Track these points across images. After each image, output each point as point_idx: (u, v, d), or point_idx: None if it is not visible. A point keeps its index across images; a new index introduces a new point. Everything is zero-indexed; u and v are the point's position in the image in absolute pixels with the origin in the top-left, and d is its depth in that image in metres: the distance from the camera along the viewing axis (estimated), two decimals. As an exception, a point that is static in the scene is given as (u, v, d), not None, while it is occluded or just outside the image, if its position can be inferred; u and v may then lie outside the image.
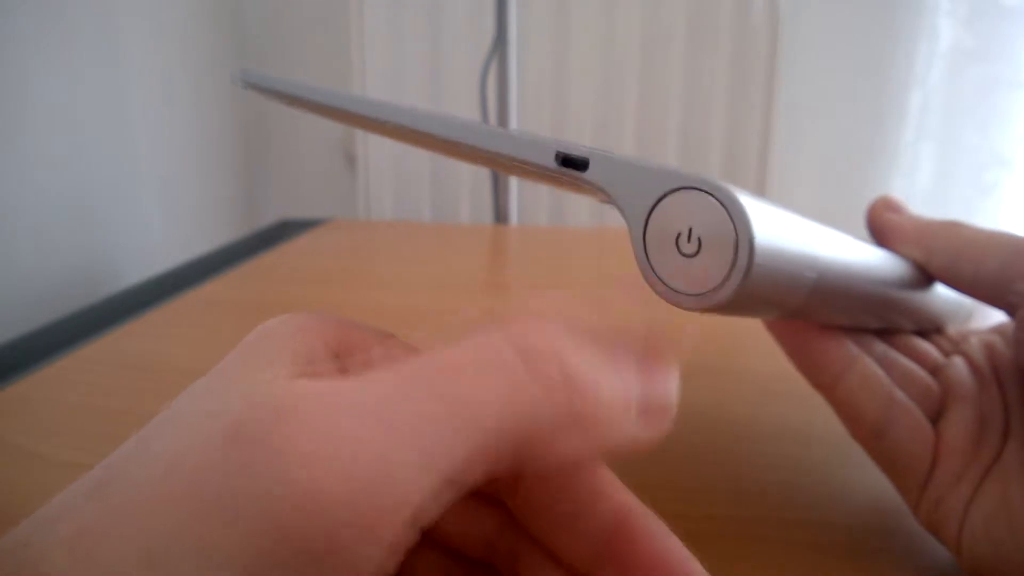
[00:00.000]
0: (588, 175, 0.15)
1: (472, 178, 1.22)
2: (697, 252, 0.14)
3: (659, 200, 0.14)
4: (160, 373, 0.34)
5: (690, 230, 0.14)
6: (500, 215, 0.86)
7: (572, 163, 0.15)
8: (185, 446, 0.10)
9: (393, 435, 0.10)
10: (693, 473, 0.27)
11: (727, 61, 1.14)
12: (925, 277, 0.22)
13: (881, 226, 0.23)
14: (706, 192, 0.13)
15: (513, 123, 0.85)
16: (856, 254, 0.19)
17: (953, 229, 0.21)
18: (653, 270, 0.14)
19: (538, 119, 1.19)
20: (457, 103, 1.21)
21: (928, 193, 1.15)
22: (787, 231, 0.14)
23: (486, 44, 0.85)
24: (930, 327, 0.24)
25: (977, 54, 1.08)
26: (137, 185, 0.98)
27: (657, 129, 1.18)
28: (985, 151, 1.11)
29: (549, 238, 0.71)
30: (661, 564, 0.13)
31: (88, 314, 0.45)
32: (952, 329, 0.25)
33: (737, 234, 0.13)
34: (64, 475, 0.26)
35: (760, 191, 1.18)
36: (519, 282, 0.54)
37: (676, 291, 0.14)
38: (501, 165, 0.18)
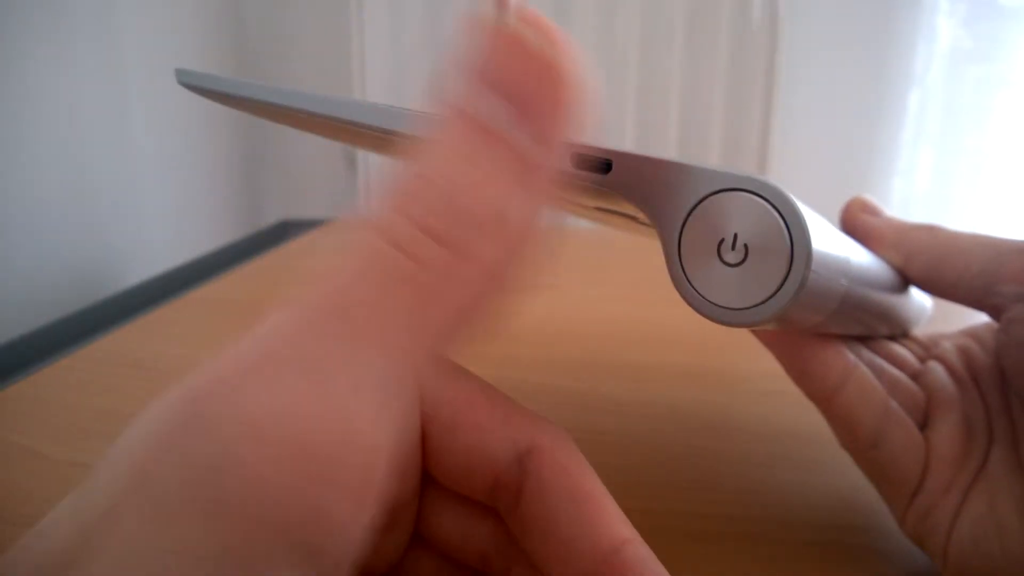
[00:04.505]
0: (611, 177, 0.13)
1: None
2: (743, 261, 0.12)
3: (698, 204, 0.12)
4: (160, 373, 0.34)
5: (735, 236, 0.12)
6: (500, 215, 0.86)
7: (591, 164, 0.13)
8: (137, 443, 0.09)
9: (325, 381, 0.09)
10: (692, 473, 0.27)
11: (727, 61, 1.14)
12: (903, 281, 0.21)
13: (857, 229, 0.22)
14: (756, 195, 0.12)
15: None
16: (865, 259, 0.18)
17: (932, 232, 0.21)
18: (689, 281, 0.13)
19: (538, 119, 1.19)
20: (457, 103, 1.21)
21: (926, 193, 1.15)
22: (827, 238, 0.13)
23: (486, 44, 0.85)
24: (901, 332, 0.24)
25: (976, 54, 1.08)
26: (137, 185, 0.98)
27: (657, 128, 1.18)
28: (984, 151, 1.11)
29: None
30: None
31: (88, 314, 0.45)
32: (916, 332, 0.24)
33: (793, 242, 0.12)
34: (64, 475, 0.26)
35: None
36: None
37: (717, 304, 0.12)
38: None
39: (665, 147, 1.18)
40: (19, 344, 0.40)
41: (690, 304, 0.13)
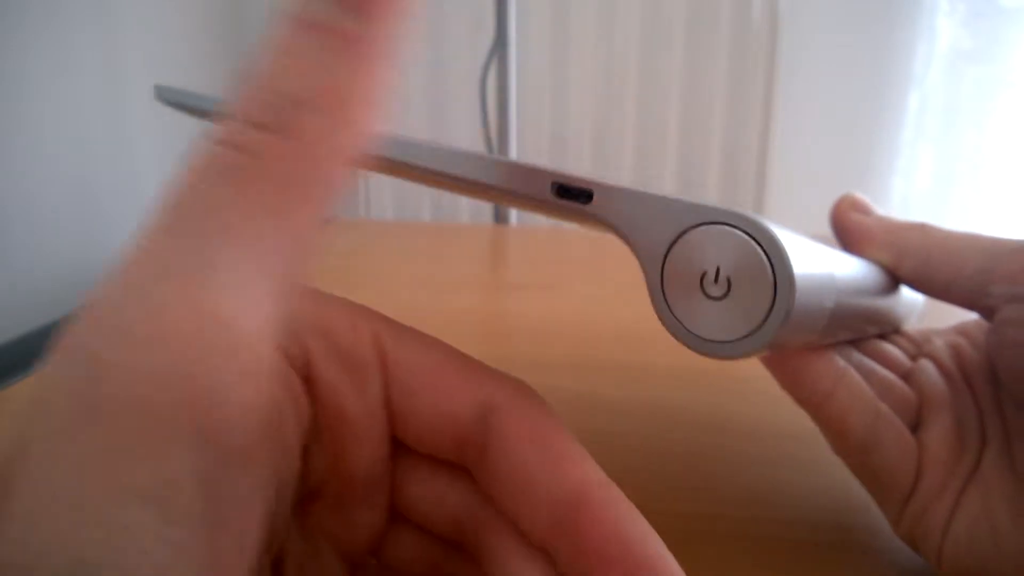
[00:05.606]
0: (593, 208, 0.13)
1: (472, 178, 1.22)
2: (726, 294, 0.12)
3: (679, 237, 0.12)
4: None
5: (717, 269, 0.12)
6: (500, 215, 0.86)
7: (573, 194, 0.13)
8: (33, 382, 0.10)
9: (188, 280, 0.10)
10: (692, 473, 0.27)
11: (727, 61, 1.14)
12: (893, 280, 0.21)
13: (847, 227, 0.22)
14: (736, 228, 0.12)
15: (512, 124, 0.85)
16: (851, 270, 0.18)
17: (923, 231, 0.21)
18: (673, 314, 0.13)
19: (538, 120, 1.19)
20: (457, 105, 1.21)
21: (926, 193, 1.15)
22: (810, 261, 0.13)
23: (486, 45, 0.85)
24: (892, 329, 0.23)
25: (975, 55, 1.08)
26: (137, 185, 0.98)
27: (657, 130, 1.18)
28: (984, 151, 1.11)
29: (549, 238, 0.71)
30: (616, 539, 0.12)
31: (88, 314, 0.45)
32: (908, 328, 0.24)
33: (775, 274, 0.12)
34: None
35: (759, 191, 1.18)
36: (519, 282, 0.55)
37: (702, 338, 0.12)
38: (493, 196, 0.16)
39: (664, 149, 1.18)
40: (19, 344, 0.40)
41: (675, 337, 0.13)
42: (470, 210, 1.26)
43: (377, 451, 0.14)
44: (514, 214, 0.85)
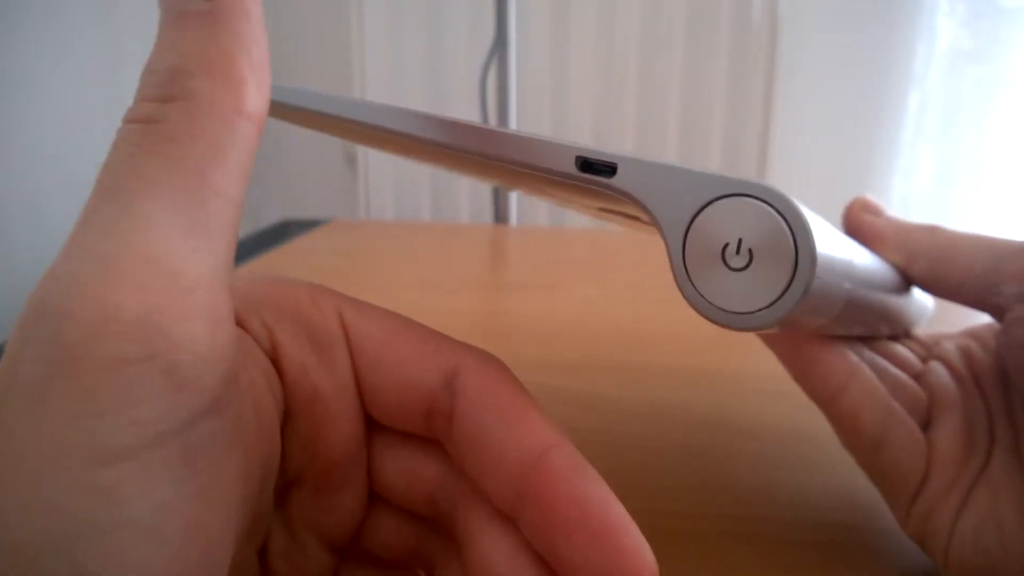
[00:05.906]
0: (617, 181, 0.13)
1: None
2: (747, 266, 0.12)
3: (702, 208, 0.12)
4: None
5: (739, 241, 0.12)
6: (500, 215, 0.86)
7: (596, 168, 0.13)
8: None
9: (124, 237, 0.10)
10: (692, 473, 0.27)
11: (727, 61, 1.14)
12: (905, 281, 0.21)
13: (859, 228, 0.22)
14: (760, 200, 0.12)
15: (513, 124, 0.85)
16: (868, 261, 0.18)
17: (934, 233, 0.21)
18: (695, 286, 0.13)
19: (538, 120, 1.19)
20: (457, 104, 1.21)
21: (926, 193, 1.15)
22: (831, 241, 0.13)
23: (486, 44, 0.85)
24: (902, 331, 0.24)
25: (975, 54, 1.08)
26: (137, 185, 0.98)
27: (657, 129, 1.18)
28: (984, 151, 1.11)
29: (549, 238, 0.71)
30: (574, 502, 0.12)
31: (89, 314, 0.45)
32: (918, 331, 0.24)
33: (797, 246, 0.12)
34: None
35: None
36: (519, 282, 0.55)
37: (723, 309, 0.12)
38: (511, 175, 0.16)
39: (665, 148, 1.18)
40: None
41: (694, 308, 0.13)
42: (470, 210, 1.26)
43: (351, 430, 0.14)
44: (514, 214, 0.85)
